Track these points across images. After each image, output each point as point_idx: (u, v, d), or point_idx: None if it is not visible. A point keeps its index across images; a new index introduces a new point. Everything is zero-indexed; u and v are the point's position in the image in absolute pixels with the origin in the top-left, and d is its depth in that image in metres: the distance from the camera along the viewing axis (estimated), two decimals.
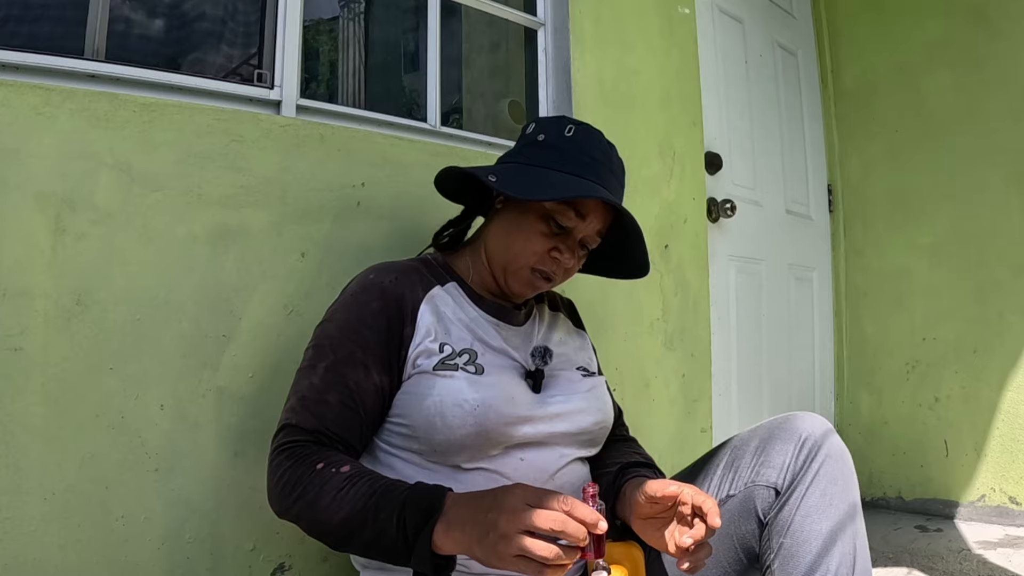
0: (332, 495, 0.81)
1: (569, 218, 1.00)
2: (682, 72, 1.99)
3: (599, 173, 1.01)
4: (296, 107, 1.29)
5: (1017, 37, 2.24)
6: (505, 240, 1.04)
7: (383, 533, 0.78)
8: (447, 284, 1.04)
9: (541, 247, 1.01)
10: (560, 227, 1.01)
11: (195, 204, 1.09)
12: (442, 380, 0.93)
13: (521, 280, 1.04)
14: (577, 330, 1.20)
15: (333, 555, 1.18)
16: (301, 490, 0.84)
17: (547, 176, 1.00)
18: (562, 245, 1.02)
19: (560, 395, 1.01)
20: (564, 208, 1.00)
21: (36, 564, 0.93)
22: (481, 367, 0.97)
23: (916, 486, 2.40)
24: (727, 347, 2.15)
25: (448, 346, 0.97)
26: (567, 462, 0.99)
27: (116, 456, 1.00)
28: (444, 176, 1.09)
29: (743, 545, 0.93)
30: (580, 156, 1.02)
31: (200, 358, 1.08)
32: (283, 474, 0.86)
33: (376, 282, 0.99)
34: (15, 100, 0.96)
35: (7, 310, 0.93)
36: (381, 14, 2.89)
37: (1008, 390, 2.21)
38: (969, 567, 1.82)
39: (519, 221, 1.03)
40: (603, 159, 1.03)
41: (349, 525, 0.80)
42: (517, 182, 1.00)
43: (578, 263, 1.07)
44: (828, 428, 0.92)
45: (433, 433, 0.92)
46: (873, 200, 2.57)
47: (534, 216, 1.01)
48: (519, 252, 1.02)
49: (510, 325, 1.06)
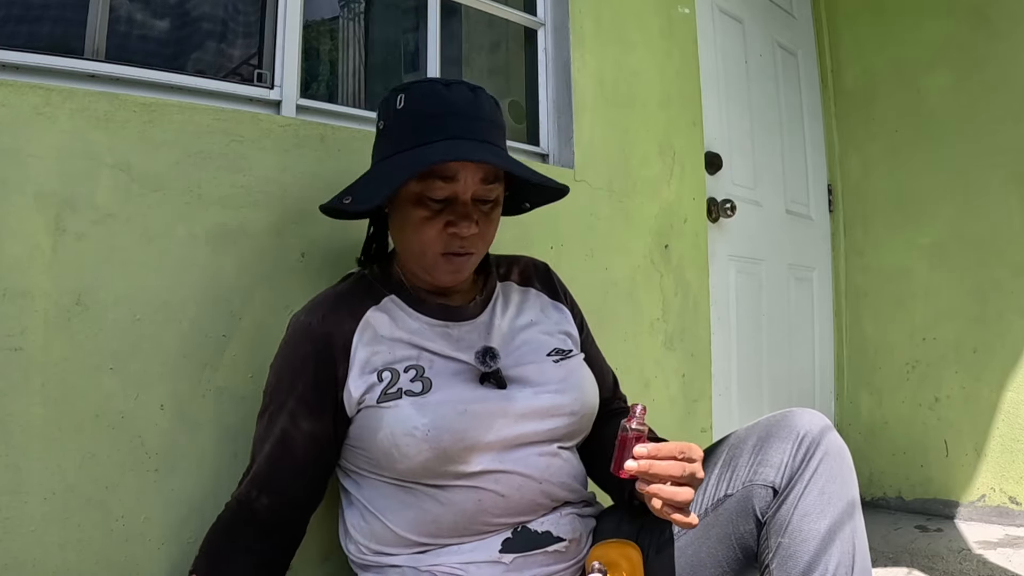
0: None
1: (439, 188, 0.92)
2: (682, 72, 1.99)
3: (444, 128, 0.92)
4: (296, 107, 1.29)
5: (1017, 37, 2.24)
6: (404, 242, 0.99)
7: None
8: (383, 301, 1.00)
9: (435, 231, 0.94)
10: (440, 201, 0.93)
11: (195, 204, 1.09)
12: (388, 411, 0.92)
13: (441, 270, 0.97)
14: (553, 303, 1.12)
15: (333, 555, 1.18)
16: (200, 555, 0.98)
17: (389, 167, 0.94)
18: (454, 217, 0.93)
19: (528, 389, 0.97)
20: (428, 182, 0.92)
21: (36, 564, 0.93)
22: (429, 381, 0.94)
23: (916, 486, 2.40)
24: (727, 347, 2.15)
25: (387, 371, 0.94)
26: (551, 458, 0.97)
27: (116, 456, 1.00)
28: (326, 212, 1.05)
29: (741, 545, 0.92)
30: (418, 123, 0.93)
31: (200, 358, 1.08)
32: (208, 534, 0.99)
33: (304, 323, 0.97)
34: (15, 100, 0.96)
35: (7, 310, 0.93)
36: (381, 14, 2.89)
37: (1008, 390, 2.21)
38: (969, 567, 1.82)
39: (404, 219, 0.97)
40: (443, 108, 0.93)
41: None
42: (364, 191, 0.96)
43: (488, 220, 0.97)
44: (826, 424, 0.91)
45: (393, 463, 0.92)
46: (873, 200, 2.57)
47: (411, 205, 0.94)
48: (419, 246, 0.96)
49: (461, 322, 1.01)
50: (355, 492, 0.99)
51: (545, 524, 0.96)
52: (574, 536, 0.97)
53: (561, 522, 0.97)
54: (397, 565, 0.94)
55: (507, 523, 0.94)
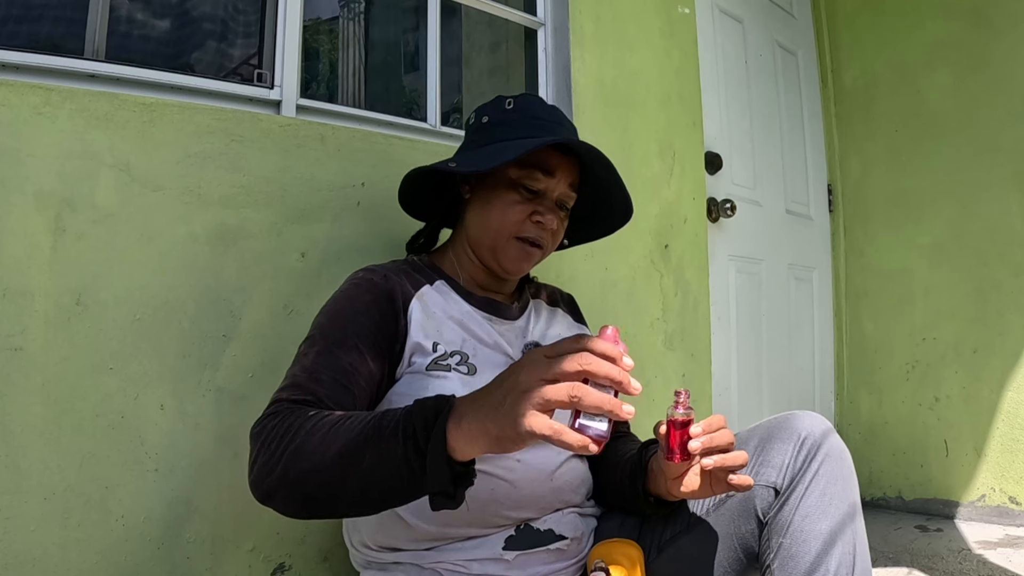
0: (324, 432, 0.73)
1: (537, 179, 1.02)
2: (682, 72, 1.99)
3: (553, 130, 1.03)
4: (296, 107, 1.29)
5: (1017, 37, 2.24)
6: (484, 220, 1.04)
7: (387, 454, 0.69)
8: (436, 282, 1.04)
9: (520, 214, 1.02)
10: (532, 191, 1.02)
11: (195, 204, 1.09)
12: (435, 380, 0.93)
13: (510, 254, 1.03)
14: (578, 325, 1.19)
15: (333, 555, 1.18)
16: (289, 438, 0.75)
17: (502, 148, 1.01)
18: (541, 207, 1.03)
19: None
20: (530, 171, 1.01)
21: (36, 564, 0.93)
22: (474, 367, 0.97)
23: (916, 486, 2.40)
24: (727, 347, 2.15)
25: (440, 346, 0.97)
26: (565, 460, 0.99)
27: (116, 456, 1.00)
28: (407, 183, 1.10)
29: (743, 545, 0.93)
30: (527, 121, 1.04)
31: (200, 358, 1.08)
32: (269, 433, 0.77)
33: (365, 278, 0.99)
34: (15, 100, 0.96)
35: (7, 310, 0.93)
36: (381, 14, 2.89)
37: (1008, 390, 2.21)
38: (969, 567, 1.82)
39: (491, 199, 1.03)
40: (550, 117, 1.06)
41: (345, 457, 0.71)
42: (475, 160, 1.02)
43: (561, 225, 1.07)
44: (828, 427, 0.92)
45: None
46: (873, 200, 2.57)
47: (504, 188, 1.02)
48: (499, 226, 1.02)
49: (504, 320, 1.06)
50: None
51: (547, 522, 0.96)
52: (576, 535, 0.98)
53: (563, 521, 0.97)
54: (400, 562, 0.94)
55: (513, 518, 0.94)
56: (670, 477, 0.90)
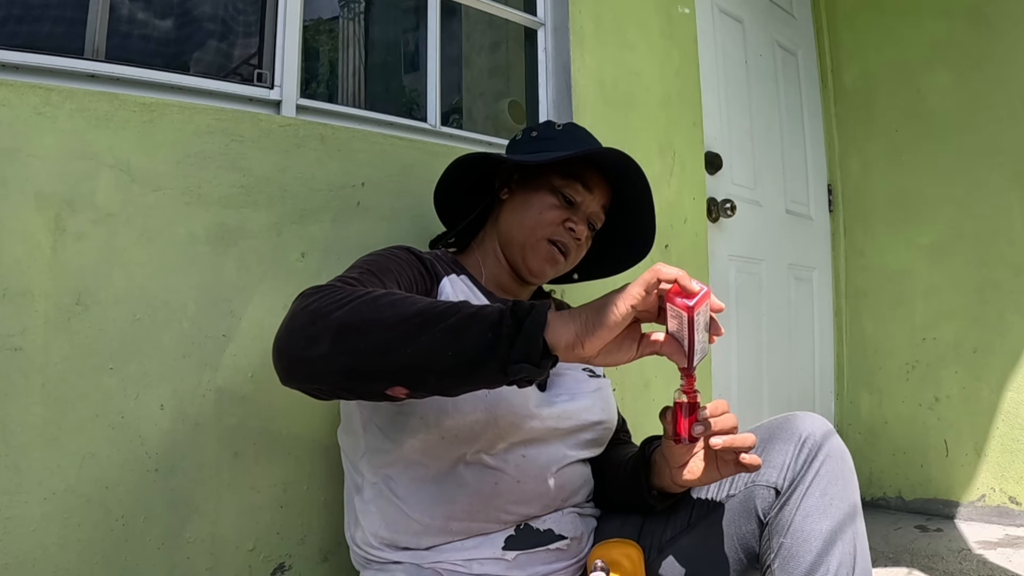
0: (401, 296, 0.72)
1: (578, 191, 1.07)
2: (682, 72, 1.99)
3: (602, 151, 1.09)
4: (296, 107, 1.29)
5: (1017, 37, 2.24)
6: (520, 218, 1.08)
7: (479, 316, 0.69)
8: (461, 275, 1.07)
9: (556, 218, 1.07)
10: (569, 201, 1.07)
11: (195, 204, 1.09)
12: None
13: (539, 255, 1.07)
14: None
15: (333, 555, 1.18)
16: (360, 293, 0.73)
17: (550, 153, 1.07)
18: (575, 217, 1.08)
19: (565, 394, 1.02)
20: (572, 182, 1.07)
21: (36, 564, 0.93)
22: None
23: (916, 486, 2.40)
24: (727, 347, 2.15)
25: None
26: (569, 462, 0.99)
27: (116, 456, 1.00)
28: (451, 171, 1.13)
29: (743, 545, 0.93)
30: (574, 140, 1.12)
31: (200, 358, 1.08)
32: (328, 289, 0.75)
33: (401, 246, 1.03)
34: (15, 100, 0.96)
35: (7, 310, 0.93)
36: (381, 14, 2.89)
37: (1008, 390, 2.21)
38: (969, 567, 1.82)
39: (530, 199, 1.08)
40: (594, 141, 1.14)
41: (425, 316, 0.69)
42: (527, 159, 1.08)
43: (586, 243, 1.12)
44: (828, 428, 0.92)
45: (443, 417, 0.91)
46: (873, 200, 2.57)
47: (544, 191, 1.08)
48: (534, 225, 1.07)
49: None
50: (369, 474, 0.98)
51: (547, 522, 0.96)
52: (575, 535, 0.98)
53: (563, 520, 0.98)
54: (400, 562, 0.94)
55: (514, 515, 0.95)
56: (674, 465, 0.90)
